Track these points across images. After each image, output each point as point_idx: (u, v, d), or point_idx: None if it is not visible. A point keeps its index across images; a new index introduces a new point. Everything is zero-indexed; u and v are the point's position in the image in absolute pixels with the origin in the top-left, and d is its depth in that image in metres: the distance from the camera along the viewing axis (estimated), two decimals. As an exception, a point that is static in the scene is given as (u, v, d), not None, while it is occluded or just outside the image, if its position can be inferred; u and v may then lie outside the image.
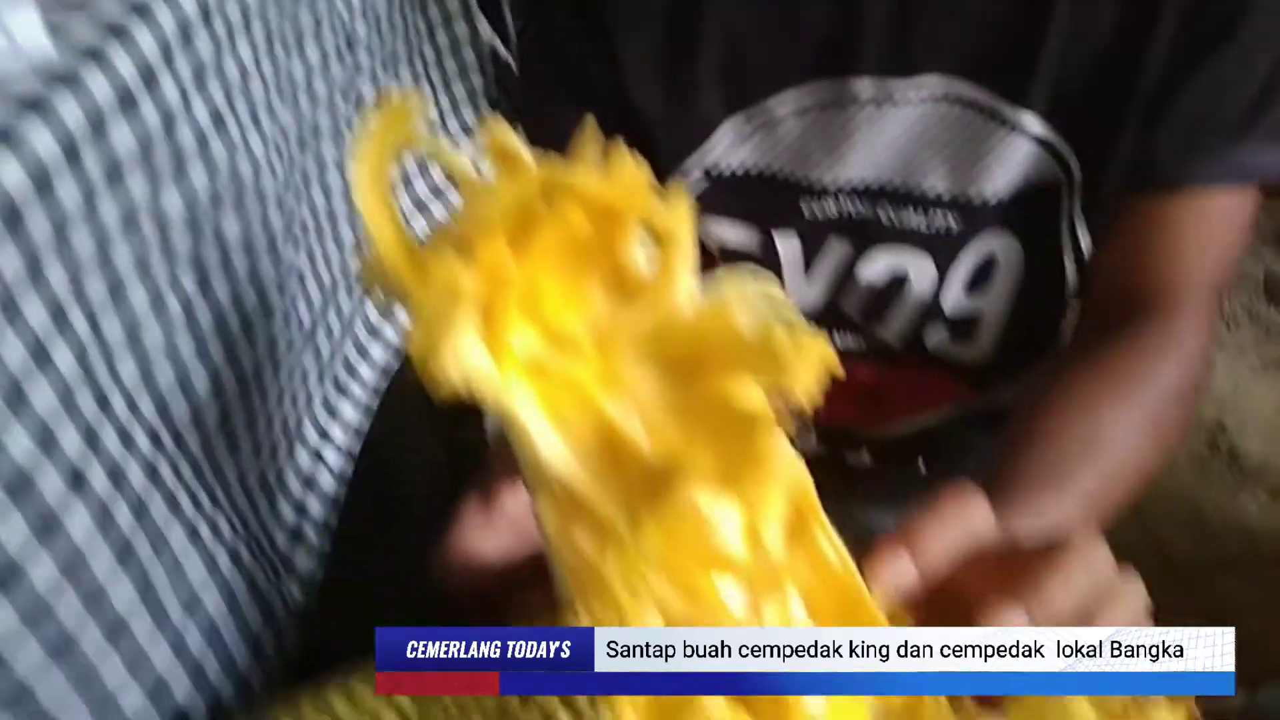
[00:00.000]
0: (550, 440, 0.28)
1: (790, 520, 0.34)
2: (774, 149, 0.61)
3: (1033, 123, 0.57)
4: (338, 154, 0.61)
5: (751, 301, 0.30)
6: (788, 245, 0.65)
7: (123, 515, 0.38)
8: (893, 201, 0.62)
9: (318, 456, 0.58)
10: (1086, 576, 0.34)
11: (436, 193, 0.76)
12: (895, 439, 0.75)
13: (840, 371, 0.28)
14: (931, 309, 0.66)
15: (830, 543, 0.34)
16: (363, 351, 0.67)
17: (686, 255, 0.30)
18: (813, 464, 0.33)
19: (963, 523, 0.35)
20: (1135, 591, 0.35)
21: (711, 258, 0.69)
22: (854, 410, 0.73)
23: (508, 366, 0.28)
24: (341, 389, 0.64)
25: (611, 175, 0.28)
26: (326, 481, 0.57)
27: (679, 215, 0.29)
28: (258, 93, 0.51)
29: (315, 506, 0.56)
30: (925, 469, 0.77)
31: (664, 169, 0.63)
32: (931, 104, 0.57)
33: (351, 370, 0.66)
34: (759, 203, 0.64)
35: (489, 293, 0.28)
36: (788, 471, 0.34)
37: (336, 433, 0.60)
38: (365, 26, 0.66)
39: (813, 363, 0.27)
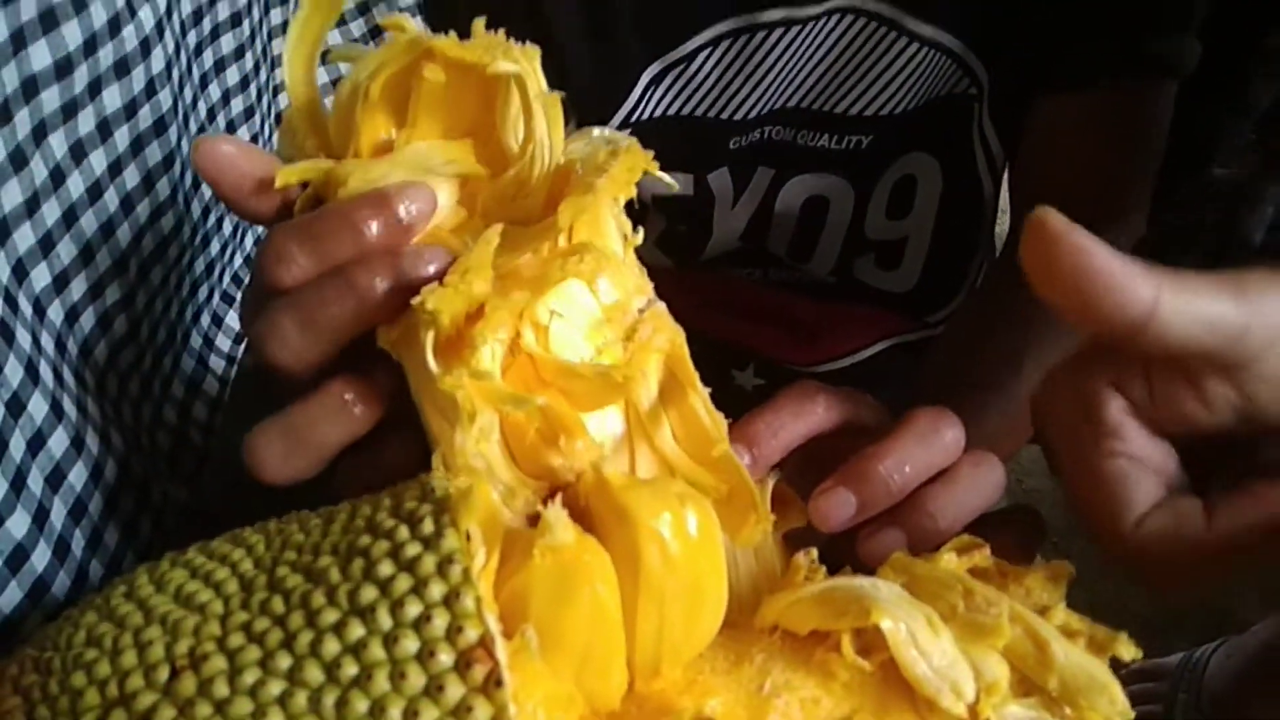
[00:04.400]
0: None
1: (664, 384, 0.36)
2: (692, 90, 0.61)
3: (936, 33, 0.57)
4: (235, 45, 0.58)
5: (590, 137, 0.31)
6: (720, 182, 0.65)
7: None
8: (808, 124, 0.62)
9: (202, 362, 0.57)
10: (922, 453, 0.34)
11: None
12: (833, 375, 0.75)
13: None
14: (855, 235, 0.66)
15: (705, 408, 0.35)
16: (250, 262, 0.67)
17: (547, 117, 0.31)
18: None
19: (799, 419, 0.36)
20: (986, 470, 0.35)
21: (644, 208, 0.68)
22: (792, 348, 0.74)
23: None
24: (229, 300, 0.63)
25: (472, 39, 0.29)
26: (211, 385, 0.57)
27: (533, 65, 0.30)
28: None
29: (200, 409, 0.55)
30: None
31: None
32: (834, 19, 0.57)
33: (239, 281, 0.65)
34: (690, 149, 0.64)
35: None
36: (663, 330, 0.35)
37: (221, 339, 0.60)
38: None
39: (628, 162, 0.29)
